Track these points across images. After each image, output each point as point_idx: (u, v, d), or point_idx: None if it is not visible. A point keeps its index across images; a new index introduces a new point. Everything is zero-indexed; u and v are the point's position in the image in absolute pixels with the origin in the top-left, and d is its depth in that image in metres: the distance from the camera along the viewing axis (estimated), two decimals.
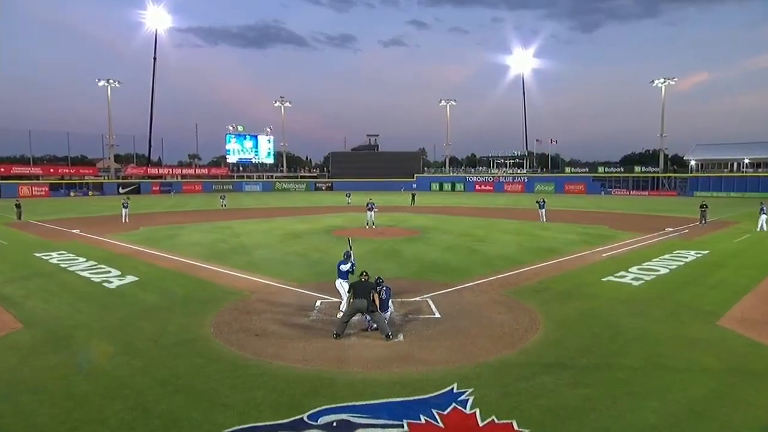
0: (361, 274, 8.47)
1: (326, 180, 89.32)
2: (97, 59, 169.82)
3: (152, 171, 77.62)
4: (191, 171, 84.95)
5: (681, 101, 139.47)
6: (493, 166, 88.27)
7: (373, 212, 24.06)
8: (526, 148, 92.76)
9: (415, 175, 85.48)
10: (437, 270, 13.61)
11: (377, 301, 8.10)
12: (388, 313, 8.51)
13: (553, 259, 15.28)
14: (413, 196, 45.09)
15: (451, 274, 13.07)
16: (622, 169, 73.59)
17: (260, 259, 15.46)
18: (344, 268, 9.23)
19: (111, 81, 71.78)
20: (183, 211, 37.45)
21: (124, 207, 28.50)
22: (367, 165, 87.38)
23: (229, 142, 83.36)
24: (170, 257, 15.77)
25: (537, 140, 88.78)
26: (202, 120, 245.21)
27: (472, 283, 11.88)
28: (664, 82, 70.76)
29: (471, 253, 16.55)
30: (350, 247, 9.39)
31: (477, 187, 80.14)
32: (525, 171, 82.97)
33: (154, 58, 78.35)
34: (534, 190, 73.99)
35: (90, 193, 64.67)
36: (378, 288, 8.35)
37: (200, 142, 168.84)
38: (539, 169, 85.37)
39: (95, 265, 14.22)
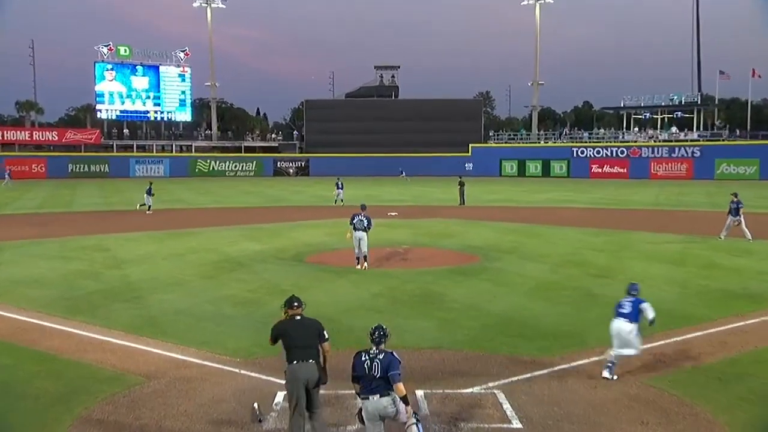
0: (290, 305, 8.26)
1: (296, 155, 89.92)
2: None
3: None
4: (25, 135, 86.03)
5: None
6: (627, 127, 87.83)
7: (365, 232, 20.22)
8: (699, 90, 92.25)
9: (471, 146, 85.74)
10: (515, 334, 13.67)
11: (326, 359, 8.03)
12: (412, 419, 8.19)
13: (757, 316, 15.18)
14: (462, 186, 45.09)
15: (543, 341, 13.12)
16: None
17: (165, 310, 15.61)
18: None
19: None
20: (6, 216, 37.88)
21: None
22: (376, 126, 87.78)
23: (102, 78, 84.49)
24: None
25: (721, 73, 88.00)
26: (44, 35, 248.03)
27: (585, 361, 11.90)
28: None
29: (584, 301, 16.58)
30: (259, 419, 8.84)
31: (593, 167, 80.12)
32: (695, 135, 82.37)
33: None
34: (713, 175, 73.27)
35: None
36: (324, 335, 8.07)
37: (42, 79, 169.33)
38: (725, 131, 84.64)
39: None
